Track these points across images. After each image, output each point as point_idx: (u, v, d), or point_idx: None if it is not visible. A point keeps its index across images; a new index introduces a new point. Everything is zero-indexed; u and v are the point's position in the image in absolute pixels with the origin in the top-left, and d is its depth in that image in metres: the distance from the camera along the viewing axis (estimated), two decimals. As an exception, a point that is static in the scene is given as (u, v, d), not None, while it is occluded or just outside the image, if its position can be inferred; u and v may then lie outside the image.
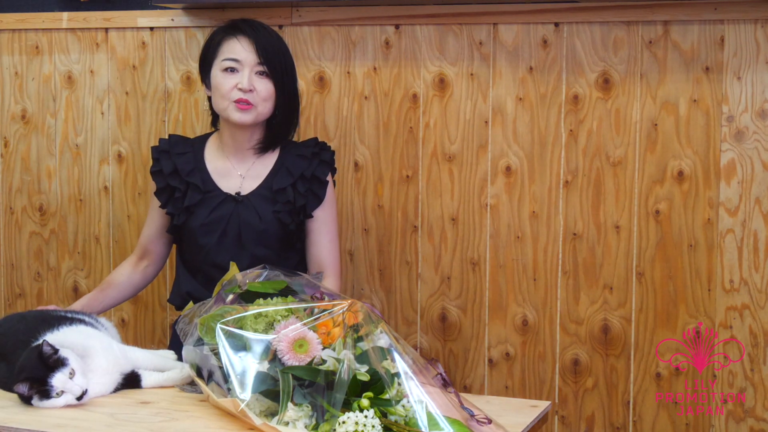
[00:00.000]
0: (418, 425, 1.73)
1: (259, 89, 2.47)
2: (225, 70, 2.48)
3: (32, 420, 1.88)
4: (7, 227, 3.27)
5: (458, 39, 2.78)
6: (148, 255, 2.67)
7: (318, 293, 2.03)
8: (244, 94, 2.45)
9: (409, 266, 2.87)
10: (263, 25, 2.55)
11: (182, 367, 2.11)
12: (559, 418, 2.77)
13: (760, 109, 2.56)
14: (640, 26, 2.63)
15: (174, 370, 2.12)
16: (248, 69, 2.46)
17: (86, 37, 3.13)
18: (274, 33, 2.55)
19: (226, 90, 2.47)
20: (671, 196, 2.64)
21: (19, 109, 3.22)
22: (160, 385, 2.09)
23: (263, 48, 2.48)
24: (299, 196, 2.53)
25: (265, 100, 2.48)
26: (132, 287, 2.68)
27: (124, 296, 2.67)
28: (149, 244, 2.66)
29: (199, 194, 2.53)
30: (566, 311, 2.74)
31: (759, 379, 2.61)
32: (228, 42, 2.50)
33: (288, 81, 2.52)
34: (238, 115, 2.47)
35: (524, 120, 2.74)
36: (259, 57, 2.47)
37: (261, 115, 2.49)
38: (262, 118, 2.50)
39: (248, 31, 2.50)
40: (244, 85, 2.45)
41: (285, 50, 2.55)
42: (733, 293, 2.61)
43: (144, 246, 2.67)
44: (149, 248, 2.66)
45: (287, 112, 2.54)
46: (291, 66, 2.55)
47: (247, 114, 2.47)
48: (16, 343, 2.07)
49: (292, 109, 2.55)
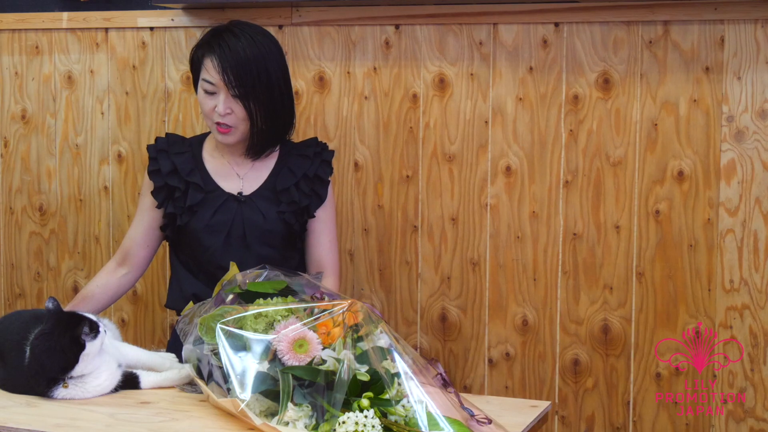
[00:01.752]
0: (418, 425, 1.73)
1: (236, 111, 2.43)
2: (205, 91, 2.46)
3: (32, 420, 1.88)
4: (7, 227, 3.27)
5: (458, 39, 2.78)
6: (128, 260, 2.59)
7: (318, 293, 2.03)
8: (221, 118, 2.43)
9: (409, 266, 2.87)
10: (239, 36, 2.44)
11: (180, 368, 2.11)
12: (559, 418, 2.77)
13: (760, 109, 2.56)
14: (640, 26, 2.63)
15: (172, 370, 2.12)
16: (223, 92, 2.43)
17: (86, 37, 3.13)
18: (250, 44, 2.44)
19: (206, 111, 2.47)
20: (671, 196, 2.64)
21: (19, 109, 3.22)
22: (159, 385, 2.09)
23: (231, 71, 2.41)
24: (303, 196, 2.52)
25: (243, 120, 2.45)
26: (106, 298, 2.58)
27: (97, 309, 2.54)
28: (133, 247, 2.58)
29: (200, 194, 2.51)
30: (566, 311, 2.74)
31: (759, 379, 2.61)
32: (206, 60, 2.45)
33: (263, 96, 2.44)
34: (220, 137, 2.48)
35: (524, 120, 2.74)
36: (226, 82, 2.42)
37: (243, 133, 2.47)
38: (245, 135, 2.48)
39: (217, 51, 2.42)
40: (220, 110, 2.43)
41: (261, 62, 2.44)
42: (733, 293, 2.61)
43: (127, 250, 2.59)
44: (132, 252, 2.58)
45: (271, 122, 2.48)
46: (269, 77, 2.45)
47: (228, 136, 2.46)
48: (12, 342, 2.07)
49: (276, 118, 2.49)
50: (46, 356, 1.98)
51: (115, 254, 2.63)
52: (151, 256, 2.63)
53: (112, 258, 2.65)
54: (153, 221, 2.58)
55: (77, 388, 2.01)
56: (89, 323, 2.00)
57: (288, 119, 2.54)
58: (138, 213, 2.61)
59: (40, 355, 1.99)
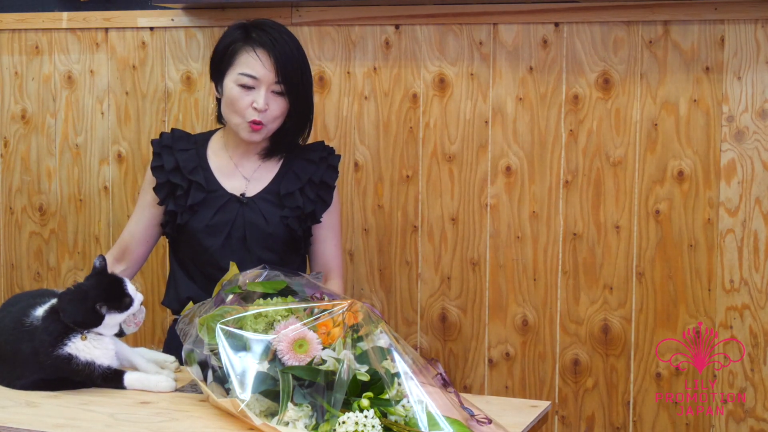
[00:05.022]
0: (418, 425, 1.73)
1: (272, 108, 2.40)
2: (241, 86, 2.40)
3: (32, 420, 1.88)
4: (7, 227, 3.27)
5: (458, 39, 2.78)
6: (126, 256, 2.56)
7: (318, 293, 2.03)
8: (258, 115, 2.39)
9: (409, 266, 2.87)
10: (282, 34, 2.44)
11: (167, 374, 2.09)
12: (559, 418, 2.77)
13: (760, 109, 2.57)
14: (640, 26, 2.63)
15: (157, 375, 2.07)
16: (265, 87, 2.39)
17: (86, 37, 3.13)
18: (292, 41, 2.45)
19: (240, 107, 2.40)
20: (671, 196, 2.64)
21: (19, 109, 3.22)
22: (141, 385, 2.06)
23: (283, 65, 2.38)
24: (308, 201, 2.49)
25: (277, 117, 2.43)
26: None
27: None
28: (132, 243, 2.56)
29: (202, 193, 2.48)
30: (566, 311, 2.74)
31: (759, 379, 2.61)
32: (246, 54, 2.40)
33: (303, 94, 2.45)
34: (250, 135, 2.43)
35: (524, 120, 2.74)
36: (277, 76, 2.38)
37: (270, 131, 2.45)
38: (270, 134, 2.46)
39: (268, 44, 2.39)
40: (260, 105, 2.38)
41: (303, 60, 2.45)
42: (733, 293, 2.61)
43: (125, 245, 2.57)
44: (130, 248, 2.56)
45: (298, 122, 2.49)
46: (308, 77, 2.47)
47: (258, 134, 2.43)
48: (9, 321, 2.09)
49: (303, 120, 2.50)
50: (71, 305, 2.02)
51: (112, 249, 2.60)
52: (149, 252, 2.61)
53: (108, 252, 2.62)
54: (153, 218, 2.56)
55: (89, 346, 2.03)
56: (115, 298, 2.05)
57: (311, 123, 2.54)
58: (138, 208, 2.59)
59: (67, 303, 2.03)
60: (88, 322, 2.03)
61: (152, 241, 2.59)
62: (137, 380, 2.06)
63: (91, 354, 2.03)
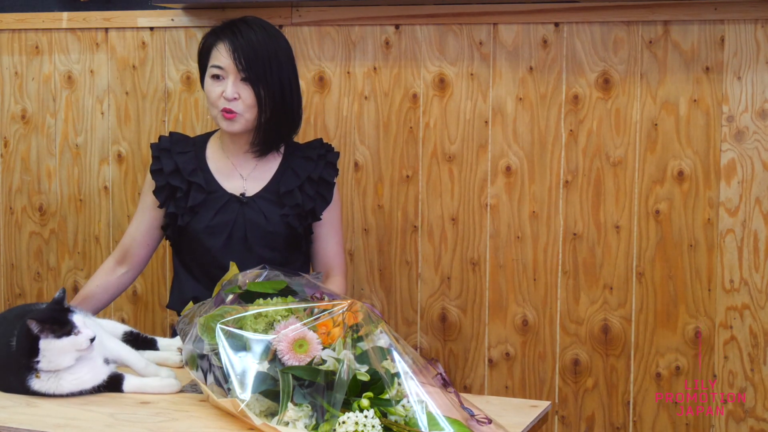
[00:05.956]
0: (418, 425, 1.73)
1: (243, 96, 2.43)
2: (212, 77, 2.46)
3: (32, 420, 1.88)
4: (7, 227, 3.27)
5: (458, 39, 2.78)
6: (128, 259, 2.58)
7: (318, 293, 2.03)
8: (228, 103, 2.43)
9: (409, 266, 2.87)
10: (252, 25, 2.48)
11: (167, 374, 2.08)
12: (559, 418, 2.77)
13: (760, 109, 2.56)
14: (640, 26, 2.63)
15: (155, 378, 2.07)
16: (232, 76, 2.43)
17: (86, 37, 3.13)
18: (262, 31, 2.47)
19: (213, 98, 2.46)
20: (671, 196, 2.64)
21: (19, 109, 3.22)
22: (141, 390, 2.05)
23: (245, 53, 2.42)
24: (307, 198, 2.50)
25: (250, 107, 2.44)
26: (107, 297, 2.59)
27: (97, 308, 2.56)
28: (133, 246, 2.58)
29: (202, 194, 2.49)
30: (566, 311, 2.74)
31: (759, 379, 2.61)
32: (215, 47, 2.46)
33: (273, 83, 2.45)
34: (225, 124, 2.46)
35: (524, 120, 2.74)
36: (237, 64, 2.43)
37: (248, 122, 2.46)
38: (250, 125, 2.47)
39: (229, 35, 2.45)
40: (228, 93, 2.43)
41: (274, 49, 2.47)
42: (733, 293, 2.61)
43: (126, 248, 2.59)
44: (131, 251, 2.58)
45: (279, 114, 2.48)
46: (282, 67, 2.47)
47: (233, 123, 2.45)
48: None
49: (284, 111, 2.49)
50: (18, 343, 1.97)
51: (114, 252, 2.62)
52: (151, 255, 2.62)
53: (110, 255, 2.64)
54: (154, 220, 2.58)
55: (50, 381, 1.98)
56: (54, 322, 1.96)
57: (295, 116, 2.53)
58: (139, 211, 2.61)
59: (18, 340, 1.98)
60: (26, 347, 1.96)
61: (153, 243, 2.60)
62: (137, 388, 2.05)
63: (59, 386, 1.99)
